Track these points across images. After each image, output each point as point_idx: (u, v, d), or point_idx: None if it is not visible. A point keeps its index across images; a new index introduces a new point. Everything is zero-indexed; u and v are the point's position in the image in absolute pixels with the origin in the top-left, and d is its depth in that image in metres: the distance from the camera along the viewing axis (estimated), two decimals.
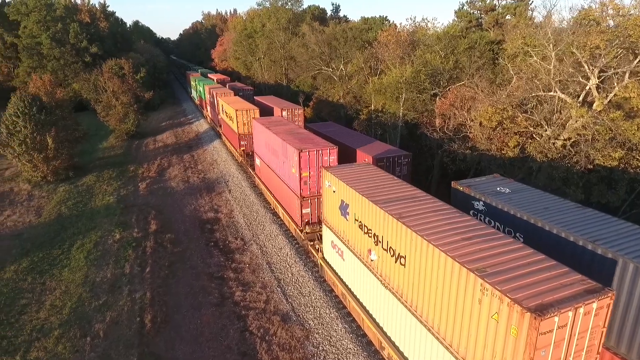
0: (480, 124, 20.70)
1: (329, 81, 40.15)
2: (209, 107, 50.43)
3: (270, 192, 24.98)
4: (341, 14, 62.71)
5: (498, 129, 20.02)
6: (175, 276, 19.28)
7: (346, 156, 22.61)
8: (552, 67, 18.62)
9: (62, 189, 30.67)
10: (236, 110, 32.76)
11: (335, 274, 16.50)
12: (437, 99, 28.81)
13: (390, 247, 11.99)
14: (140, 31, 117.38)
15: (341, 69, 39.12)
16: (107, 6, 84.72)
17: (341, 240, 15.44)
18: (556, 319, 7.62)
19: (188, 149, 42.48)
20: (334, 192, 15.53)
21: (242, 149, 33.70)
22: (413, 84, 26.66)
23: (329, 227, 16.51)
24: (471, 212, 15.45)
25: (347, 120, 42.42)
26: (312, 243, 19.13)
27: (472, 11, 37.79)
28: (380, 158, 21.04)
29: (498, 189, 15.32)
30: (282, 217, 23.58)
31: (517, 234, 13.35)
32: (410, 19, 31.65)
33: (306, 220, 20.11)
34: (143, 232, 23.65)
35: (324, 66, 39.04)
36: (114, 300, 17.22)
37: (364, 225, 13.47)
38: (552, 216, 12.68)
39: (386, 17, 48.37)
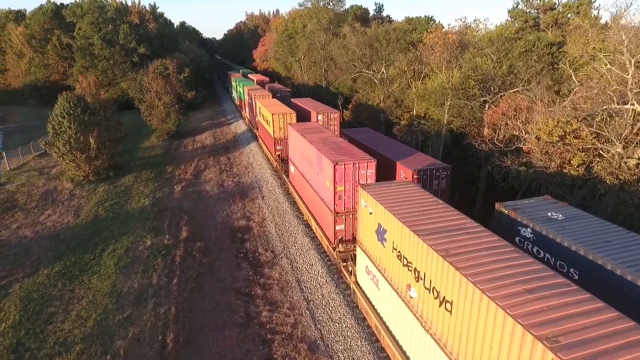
0: (538, 137, 18.34)
1: (369, 84, 38.39)
2: (247, 109, 50.10)
3: (304, 203, 23.73)
4: (384, 14, 60.56)
5: (559, 144, 17.62)
6: (201, 290, 18.44)
7: (381, 165, 20.89)
8: (629, 76, 16.02)
9: (102, 189, 30.98)
10: (273, 114, 31.81)
11: (369, 302, 14.95)
12: (487, 106, 26.39)
13: (434, 288, 10.30)
14: (186, 32, 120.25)
15: (382, 72, 37.24)
16: (157, 7, 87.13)
17: (377, 268, 13.86)
18: None
19: (225, 150, 42.17)
20: (371, 213, 13.97)
21: (277, 153, 32.74)
22: (461, 90, 24.46)
23: (363, 251, 14.98)
24: (517, 238, 13.55)
25: (387, 126, 40.51)
26: (344, 264, 17.66)
27: (528, 10, 34.75)
28: (417, 170, 19.24)
29: (549, 214, 13.29)
30: (314, 231, 22.27)
31: (571, 270, 11.37)
32: (460, 19, 29.23)
33: (339, 237, 18.67)
34: (174, 239, 23.11)
35: (364, 69, 37.32)
36: (138, 314, 16.57)
37: (404, 257, 11.83)
38: (615, 252, 10.61)
39: (432, 17, 45.86)
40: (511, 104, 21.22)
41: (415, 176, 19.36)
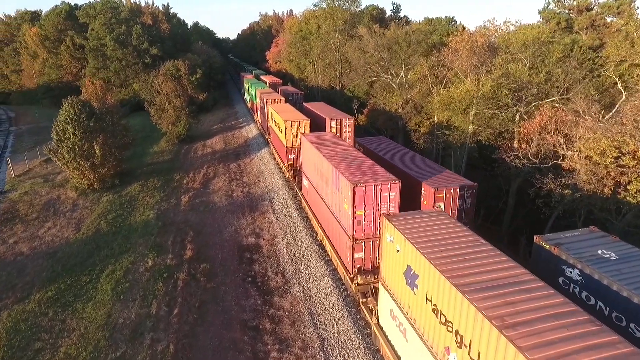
0: (588, 157, 15.96)
1: (387, 89, 36.14)
2: (259, 112, 48.24)
3: (317, 221, 21.68)
4: (401, 14, 58.12)
5: (612, 165, 15.24)
6: (204, 322, 16.55)
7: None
8: None
9: (106, 199, 29.42)
10: (285, 122, 29.82)
11: (394, 351, 12.84)
12: (517, 116, 23.96)
13: None
14: (199, 32, 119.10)
15: (401, 76, 34.96)
16: (170, 8, 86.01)
17: (405, 315, 11.75)
18: None
19: (235, 156, 40.38)
20: (398, 251, 11.85)
21: (289, 163, 30.75)
22: (492, 99, 22.13)
23: (387, 291, 12.87)
24: (560, 279, 11.42)
25: (405, 133, 38.21)
26: (364, 300, 15.57)
27: (559, 11, 32.05)
28: (440, 189, 17.06)
29: (600, 251, 11.16)
30: (329, 253, 20.21)
31: (631, 325, 9.24)
32: (489, 21, 26.86)
33: (358, 265, 16.59)
34: (177, 258, 21.30)
35: (382, 73, 35.09)
36: (133, 352, 14.74)
37: (441, 313, 9.71)
38: None
39: (453, 17, 43.35)
40: (552, 117, 18.84)
41: (437, 195, 17.22)
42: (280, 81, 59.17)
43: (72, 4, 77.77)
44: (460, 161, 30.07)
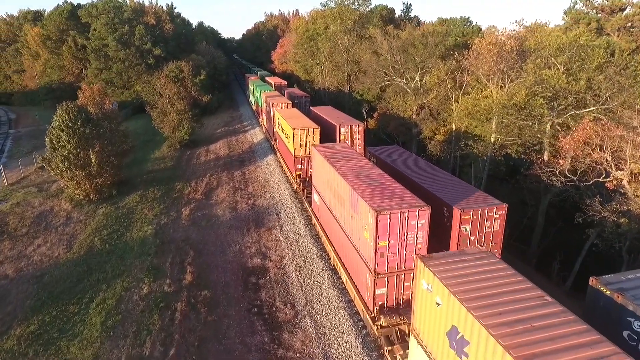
0: None
1: (400, 94, 33.87)
2: (264, 116, 46.10)
3: (330, 243, 19.49)
4: (412, 14, 55.71)
5: None
6: None
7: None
8: None
9: (102, 212, 27.37)
10: (294, 129, 27.64)
11: None
12: (549, 126, 21.63)
13: None
14: (204, 32, 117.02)
15: (416, 81, 32.68)
16: (174, 8, 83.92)
17: None
18: None
19: (240, 163, 38.25)
20: (439, 305, 9.66)
21: (297, 173, 28.59)
22: (524, 109, 19.86)
23: (422, 347, 10.67)
24: (625, 333, 9.25)
25: (419, 140, 35.93)
26: (390, 348, 13.35)
27: (588, 11, 29.63)
28: (466, 209, 14.87)
29: None
30: (344, 282, 18.02)
31: None
32: (517, 23, 24.51)
33: (380, 303, 14.40)
34: (176, 284, 19.18)
35: (396, 77, 32.82)
36: None
37: None
38: None
39: (468, 18, 40.99)
40: (597, 131, 16.55)
41: (463, 217, 15.04)
42: (286, 83, 57.01)
43: (75, 4, 75.91)
44: (481, 172, 27.80)
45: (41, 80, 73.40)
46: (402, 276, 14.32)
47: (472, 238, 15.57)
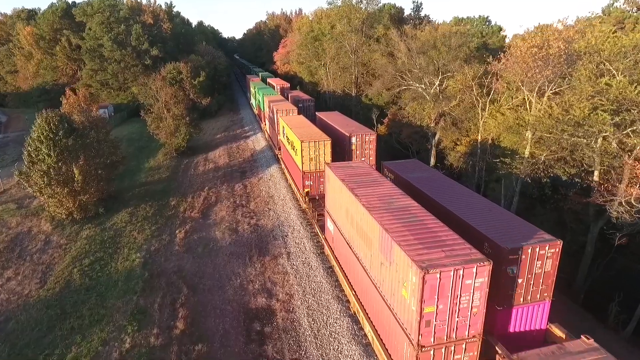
0: None
1: (417, 99, 30.48)
2: (267, 122, 42.68)
3: (351, 287, 16.11)
4: (422, 14, 52.20)
5: None
6: None
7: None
8: None
9: (86, 234, 24.04)
10: (302, 142, 24.28)
11: None
12: (614, 144, 18.21)
13: None
14: (204, 32, 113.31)
15: (435, 86, 29.29)
16: (173, 6, 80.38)
17: None
18: None
19: (241, 174, 34.88)
20: None
21: (306, 190, 25.23)
22: (582, 125, 16.50)
23: None
24: None
25: (437, 151, 32.56)
26: None
27: (629, 9, 26.23)
28: (513, 248, 11.71)
29: None
30: (370, 338, 14.67)
31: None
32: (560, 22, 21.05)
33: None
34: (165, 334, 15.83)
35: (413, 81, 29.41)
36: None
37: None
38: None
39: (487, 17, 37.56)
40: None
41: (511, 257, 11.81)
42: (289, 85, 53.56)
43: (70, 2, 72.35)
44: (512, 191, 24.46)
45: (34, 82, 69.95)
46: (452, 348, 11.00)
47: (520, 281, 12.37)
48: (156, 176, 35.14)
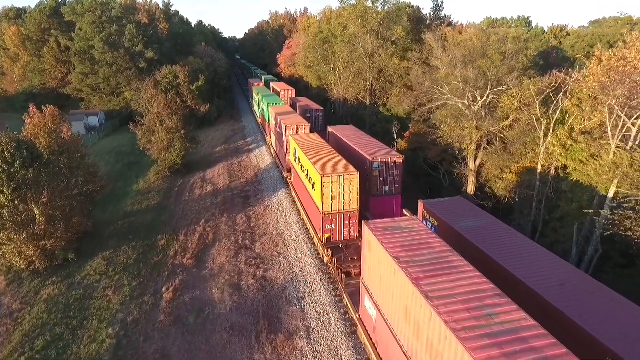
0: None
1: (455, 116, 25.00)
2: (273, 135, 37.22)
3: None
4: (442, 14, 46.67)
5: None
6: None
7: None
8: None
9: (47, 294, 18.65)
10: (322, 177, 18.82)
11: None
12: None
13: None
14: (203, 32, 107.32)
15: (479, 102, 23.81)
16: (171, 5, 74.57)
17: None
18: None
19: (243, 200, 29.42)
20: None
21: (327, 235, 19.82)
22: None
23: None
24: None
25: (476, 177, 27.08)
26: None
27: None
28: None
29: None
30: None
31: None
32: None
33: None
34: None
35: (451, 95, 23.93)
36: None
37: None
38: None
39: (528, 17, 32.03)
40: None
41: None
42: (294, 90, 48.04)
43: (59, 0, 66.61)
44: (584, 239, 19.06)
45: (21, 85, 64.40)
46: None
47: None
48: (144, 203, 29.64)
